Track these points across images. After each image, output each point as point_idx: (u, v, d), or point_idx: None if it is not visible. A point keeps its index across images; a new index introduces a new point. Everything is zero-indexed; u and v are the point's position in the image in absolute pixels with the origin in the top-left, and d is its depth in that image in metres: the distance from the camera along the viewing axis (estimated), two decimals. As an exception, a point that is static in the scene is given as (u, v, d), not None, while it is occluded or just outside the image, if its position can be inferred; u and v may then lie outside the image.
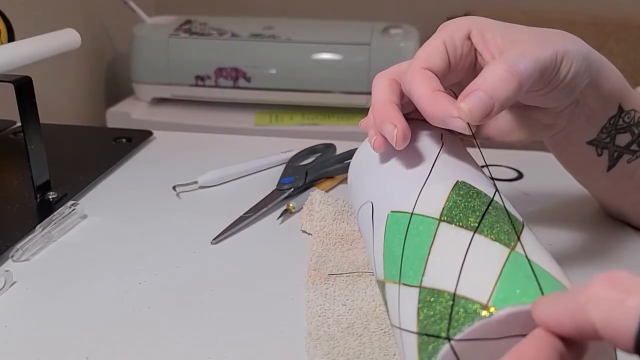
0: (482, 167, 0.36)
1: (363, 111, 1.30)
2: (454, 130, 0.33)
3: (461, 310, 0.24)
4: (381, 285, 0.30)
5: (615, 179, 0.43)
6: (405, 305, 0.26)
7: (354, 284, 0.40)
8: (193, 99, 1.34)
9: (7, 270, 0.40)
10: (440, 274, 0.26)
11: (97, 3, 1.40)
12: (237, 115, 1.32)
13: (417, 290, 0.26)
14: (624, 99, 0.40)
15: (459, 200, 0.30)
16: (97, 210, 0.51)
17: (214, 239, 0.47)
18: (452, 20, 0.37)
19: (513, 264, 0.25)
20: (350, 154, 0.60)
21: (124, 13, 1.34)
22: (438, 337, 0.24)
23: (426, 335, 0.24)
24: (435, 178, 0.32)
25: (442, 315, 0.24)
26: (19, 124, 0.70)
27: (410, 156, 0.35)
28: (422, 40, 0.38)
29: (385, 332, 0.35)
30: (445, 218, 0.29)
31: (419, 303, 0.25)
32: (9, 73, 0.51)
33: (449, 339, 0.23)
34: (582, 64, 0.35)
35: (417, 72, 0.34)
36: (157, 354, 0.34)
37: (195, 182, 0.56)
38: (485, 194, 0.30)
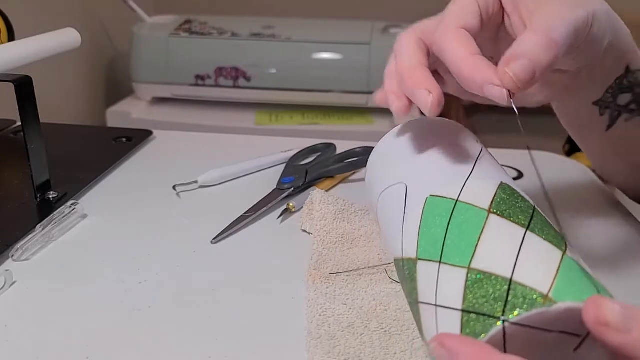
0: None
1: (363, 111, 1.30)
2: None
3: (519, 294, 0.24)
4: (409, 263, 0.30)
5: (613, 139, 0.43)
6: (447, 283, 0.27)
7: (354, 283, 0.40)
8: (193, 99, 1.34)
9: (7, 270, 0.40)
10: (493, 259, 0.26)
11: (97, 3, 1.40)
12: (237, 115, 1.32)
13: (464, 270, 0.26)
14: (632, 59, 0.39)
15: (506, 198, 0.30)
16: (97, 209, 0.51)
17: (214, 239, 0.47)
18: None
19: (567, 266, 0.26)
20: (350, 154, 0.60)
21: (124, 12, 1.34)
22: (491, 316, 0.24)
23: (476, 313, 0.25)
24: (479, 174, 0.32)
25: (496, 297, 0.25)
26: (19, 123, 0.70)
27: (451, 148, 0.35)
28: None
29: (386, 331, 0.35)
30: (495, 211, 0.29)
31: (467, 282, 0.26)
32: (9, 72, 0.51)
33: (504, 320, 0.24)
34: (606, 22, 0.34)
35: (452, 31, 0.32)
36: (157, 354, 0.34)
37: (196, 182, 0.56)
38: (528, 201, 0.31)
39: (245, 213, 0.50)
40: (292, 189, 0.54)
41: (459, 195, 0.30)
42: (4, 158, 0.64)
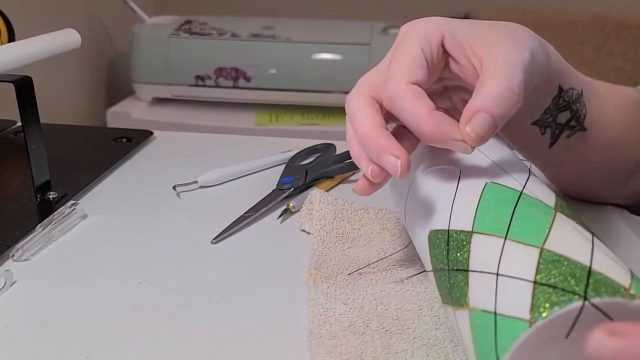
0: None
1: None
2: None
3: (601, 281, 0.25)
4: (460, 234, 0.31)
5: (556, 154, 0.44)
6: (516, 256, 0.28)
7: (354, 283, 0.40)
8: (193, 99, 1.34)
9: (7, 270, 0.40)
10: (569, 247, 0.27)
11: (97, 3, 1.40)
12: (237, 115, 1.32)
13: (536, 249, 0.28)
14: (563, 78, 0.40)
15: (565, 206, 0.32)
16: (97, 210, 0.51)
17: (214, 239, 0.47)
18: (419, 22, 0.35)
19: (635, 274, 0.27)
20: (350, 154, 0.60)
21: (124, 13, 1.34)
22: (570, 292, 0.25)
23: (552, 286, 0.25)
24: (535, 180, 0.34)
25: (576, 277, 0.25)
26: (19, 123, 0.70)
27: (507, 152, 0.37)
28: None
29: (387, 330, 0.35)
30: (560, 210, 0.31)
31: (540, 259, 0.27)
32: (9, 73, 0.51)
33: (585, 297, 0.24)
34: (541, 52, 0.35)
35: (404, 88, 0.32)
36: (157, 354, 0.34)
37: (196, 182, 0.56)
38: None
39: (245, 213, 0.50)
40: (292, 189, 0.54)
41: (523, 189, 0.32)
42: (4, 158, 0.64)
